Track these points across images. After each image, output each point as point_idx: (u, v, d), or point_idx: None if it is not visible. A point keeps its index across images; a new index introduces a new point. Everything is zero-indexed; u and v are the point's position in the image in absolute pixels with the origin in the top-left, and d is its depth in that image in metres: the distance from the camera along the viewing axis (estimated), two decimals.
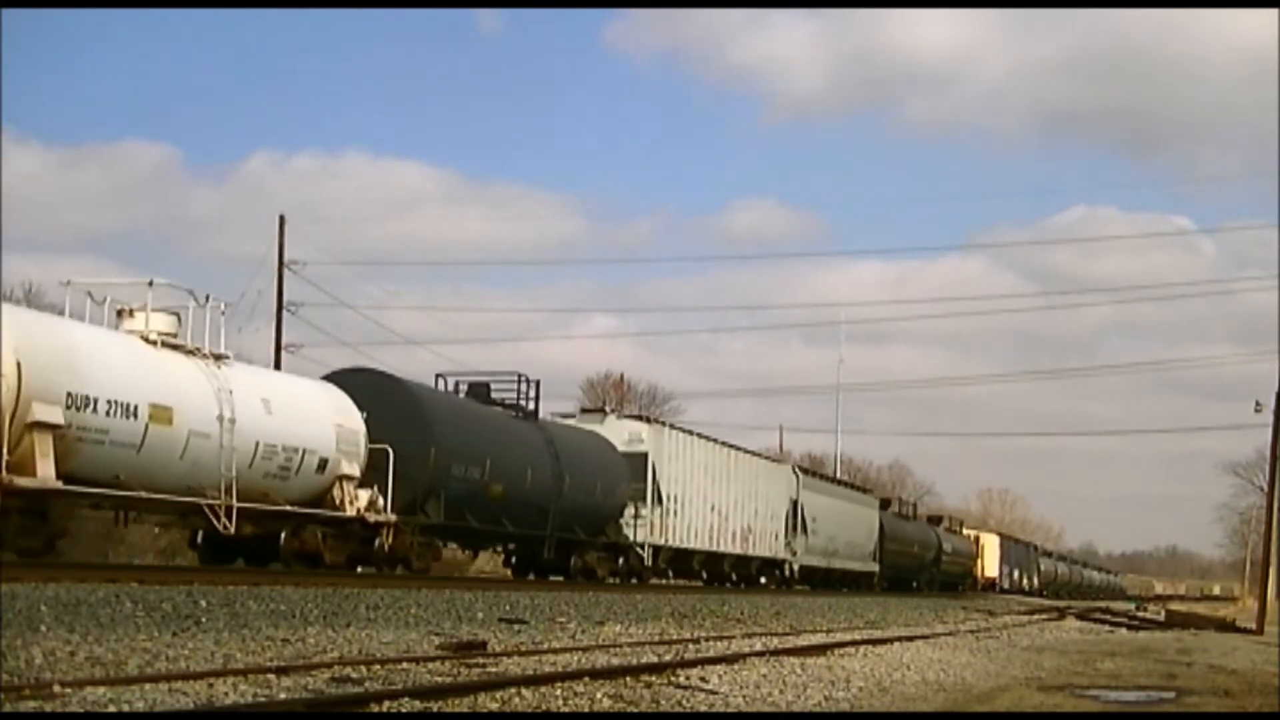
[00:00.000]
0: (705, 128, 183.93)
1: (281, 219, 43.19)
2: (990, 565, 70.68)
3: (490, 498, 24.67)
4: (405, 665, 10.10)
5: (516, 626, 15.35)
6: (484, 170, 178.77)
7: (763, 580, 39.44)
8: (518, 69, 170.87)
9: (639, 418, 33.45)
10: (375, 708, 7.80)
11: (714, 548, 35.10)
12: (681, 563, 33.97)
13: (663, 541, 31.47)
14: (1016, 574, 76.51)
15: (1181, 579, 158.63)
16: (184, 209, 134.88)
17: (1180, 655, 19.85)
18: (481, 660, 11.12)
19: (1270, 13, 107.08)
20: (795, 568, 41.22)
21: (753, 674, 11.78)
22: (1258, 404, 37.69)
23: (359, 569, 21.50)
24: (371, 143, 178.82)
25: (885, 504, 54.65)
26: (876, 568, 49.82)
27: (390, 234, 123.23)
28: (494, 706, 8.44)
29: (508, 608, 17.21)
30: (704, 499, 34.38)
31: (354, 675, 9.21)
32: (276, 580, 16.55)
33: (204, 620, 12.00)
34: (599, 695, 9.33)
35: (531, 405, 28.10)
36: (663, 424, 33.97)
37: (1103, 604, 64.25)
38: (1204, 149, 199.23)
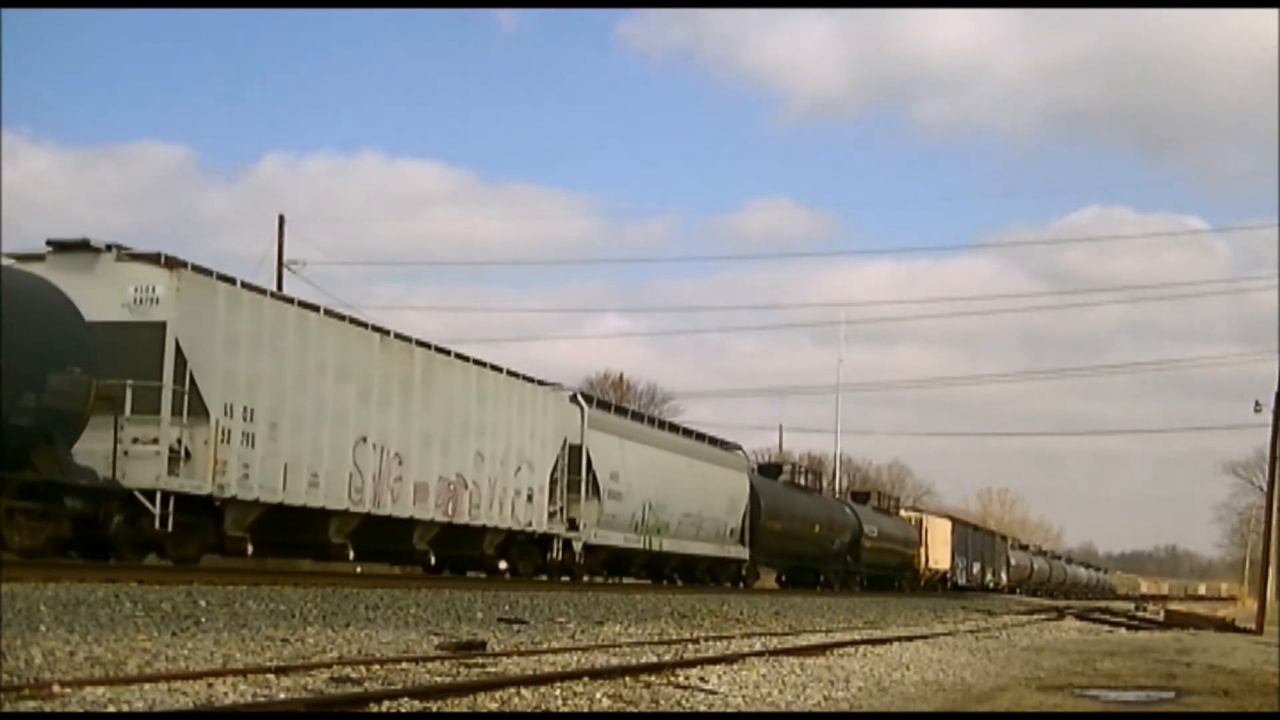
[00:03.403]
0: (719, 127, 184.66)
1: (281, 219, 43.05)
2: (939, 556, 58.60)
3: None
4: (405, 665, 10.10)
5: (516, 626, 15.37)
6: (498, 170, 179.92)
7: (502, 565, 25.76)
8: (532, 69, 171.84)
9: (156, 259, 17.80)
10: (375, 708, 7.79)
11: (376, 509, 21.33)
12: (298, 530, 20.26)
13: (221, 490, 18.11)
14: (977, 568, 64.94)
15: (1179, 579, 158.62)
16: (196, 209, 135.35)
17: (1180, 655, 19.83)
18: (481, 660, 11.12)
19: None
20: (577, 548, 27.97)
21: (752, 674, 11.76)
22: (1257, 404, 37.72)
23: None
24: (386, 144, 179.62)
25: (774, 470, 44.14)
26: (745, 553, 37.44)
27: (404, 234, 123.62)
28: (494, 706, 8.43)
29: (507, 608, 17.24)
30: (347, 424, 20.75)
31: (353, 675, 9.21)
32: (276, 580, 16.58)
33: (203, 620, 12.01)
34: (599, 695, 9.32)
35: None
36: (225, 279, 18.75)
37: (1102, 604, 64.25)
38: (1217, 149, 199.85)
